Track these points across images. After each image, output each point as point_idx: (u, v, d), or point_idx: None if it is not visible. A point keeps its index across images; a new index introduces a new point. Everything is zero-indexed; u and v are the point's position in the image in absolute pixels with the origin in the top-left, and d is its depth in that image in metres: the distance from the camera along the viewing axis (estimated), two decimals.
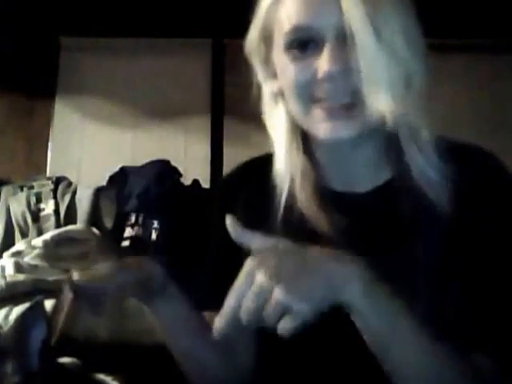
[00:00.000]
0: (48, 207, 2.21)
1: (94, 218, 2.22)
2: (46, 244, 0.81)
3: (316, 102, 0.75)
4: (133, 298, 0.84)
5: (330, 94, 0.74)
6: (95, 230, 2.06)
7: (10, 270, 1.76)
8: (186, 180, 2.38)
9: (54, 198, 2.25)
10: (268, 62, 0.82)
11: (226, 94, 2.86)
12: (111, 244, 2.04)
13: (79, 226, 2.13)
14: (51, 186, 2.29)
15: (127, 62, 2.93)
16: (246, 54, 0.84)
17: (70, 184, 2.34)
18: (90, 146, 2.84)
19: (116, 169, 2.39)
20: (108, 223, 2.21)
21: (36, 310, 0.76)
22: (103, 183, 2.37)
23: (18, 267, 1.77)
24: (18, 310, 1.64)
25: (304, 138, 0.84)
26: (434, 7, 2.24)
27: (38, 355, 0.75)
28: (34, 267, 1.77)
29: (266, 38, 0.80)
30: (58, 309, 0.80)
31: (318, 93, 0.74)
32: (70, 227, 2.06)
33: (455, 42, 2.79)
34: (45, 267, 1.73)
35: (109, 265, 0.79)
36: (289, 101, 0.79)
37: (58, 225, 2.17)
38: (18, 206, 2.22)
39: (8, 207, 2.23)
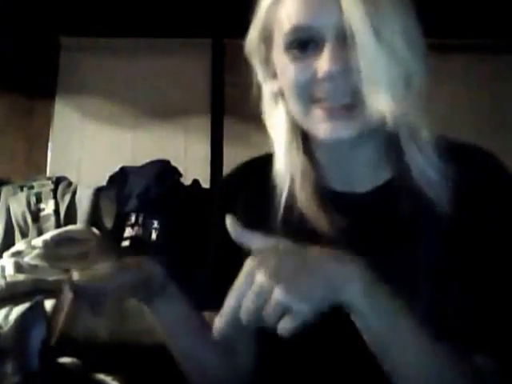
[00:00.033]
0: (48, 207, 2.21)
1: (94, 218, 2.22)
2: (46, 244, 0.81)
3: (316, 102, 0.75)
4: (133, 298, 0.84)
5: (329, 94, 0.74)
6: (95, 230, 2.06)
7: (10, 270, 1.76)
8: (186, 180, 2.38)
9: (54, 198, 2.25)
10: (268, 62, 0.82)
11: (225, 94, 2.86)
12: (111, 244, 2.04)
13: (79, 226, 2.13)
14: (51, 186, 2.29)
15: (127, 62, 2.92)
16: (245, 54, 0.84)
17: (70, 184, 2.34)
18: (90, 146, 2.84)
19: (116, 169, 2.39)
20: (108, 223, 2.21)
21: (36, 310, 0.76)
22: (103, 183, 2.37)
23: (18, 267, 1.77)
24: (18, 309, 1.64)
25: (304, 138, 0.84)
26: (434, 7, 2.24)
27: (38, 355, 0.75)
28: (34, 267, 1.76)
29: (266, 37, 0.80)
30: (57, 309, 0.80)
31: (317, 93, 0.74)
32: (69, 227, 2.06)
33: (455, 42, 2.79)
34: (45, 267, 1.73)
35: (109, 265, 0.79)
36: (289, 101, 0.79)
37: (58, 225, 2.17)
38: (17, 206, 2.22)
39: (8, 207, 2.23)
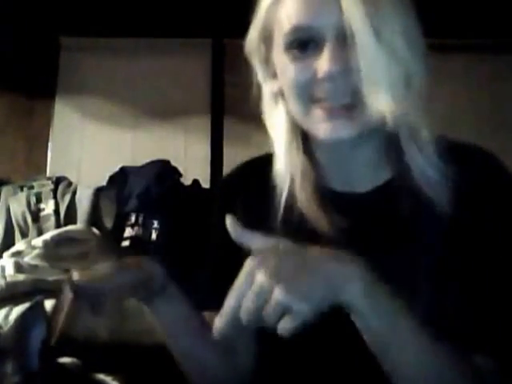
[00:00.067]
0: (48, 207, 2.21)
1: (94, 218, 2.22)
2: (46, 244, 0.81)
3: (316, 102, 0.75)
4: (133, 298, 0.84)
5: (329, 94, 0.74)
6: (95, 230, 2.06)
7: (10, 270, 1.76)
8: (186, 180, 2.38)
9: (54, 198, 2.25)
10: (268, 61, 0.82)
11: (225, 94, 2.86)
12: (111, 244, 2.04)
13: (79, 226, 2.13)
14: (51, 186, 2.29)
15: (127, 62, 2.92)
16: (246, 54, 0.84)
17: (70, 184, 2.34)
18: (90, 146, 2.84)
19: (116, 169, 2.39)
20: (108, 223, 2.21)
21: (36, 310, 0.76)
22: (103, 183, 2.37)
23: (18, 267, 1.77)
24: (17, 309, 1.64)
25: (304, 138, 0.84)
26: (434, 7, 2.24)
27: (38, 355, 0.75)
28: (33, 267, 1.76)
29: (266, 37, 0.80)
30: (57, 309, 0.80)
31: (317, 93, 0.74)
32: (69, 227, 2.06)
33: (455, 42, 2.79)
34: (45, 267, 1.73)
35: (109, 265, 0.79)
36: (289, 101, 0.79)
37: (58, 225, 2.17)
38: (18, 206, 2.22)
39: (8, 207, 2.23)
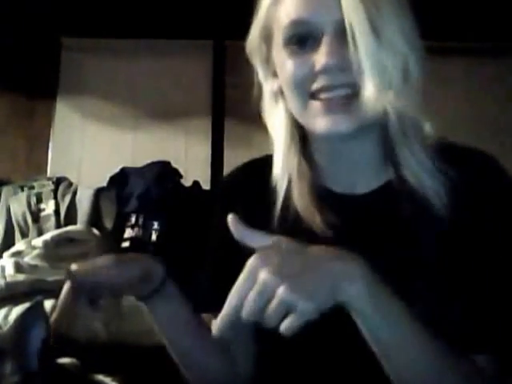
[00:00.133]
0: (48, 207, 2.21)
1: (95, 218, 2.22)
2: (46, 244, 0.82)
3: (314, 97, 0.76)
4: (131, 299, 0.84)
5: (327, 87, 0.74)
6: (95, 231, 2.07)
7: (10, 270, 1.76)
8: (187, 181, 2.38)
9: (55, 198, 2.25)
10: (268, 61, 0.82)
11: (226, 95, 2.86)
12: (111, 245, 2.04)
13: (79, 226, 2.13)
14: (52, 187, 2.29)
15: (128, 63, 2.93)
16: (247, 55, 0.84)
17: (70, 184, 2.34)
18: (91, 147, 2.84)
19: (116, 169, 2.39)
20: (108, 224, 2.21)
21: (36, 310, 0.76)
22: (104, 184, 2.36)
23: (18, 267, 1.77)
24: (17, 310, 1.64)
25: (303, 140, 0.84)
26: (435, 10, 2.24)
27: (38, 355, 0.75)
28: (33, 267, 1.76)
29: (267, 37, 0.81)
30: (57, 306, 0.80)
31: (315, 86, 0.75)
32: (70, 228, 2.06)
33: (456, 44, 2.79)
34: (45, 267, 1.73)
35: (108, 258, 0.79)
36: (287, 97, 0.80)
37: (58, 225, 2.17)
38: (18, 206, 2.22)
39: (8, 207, 2.23)
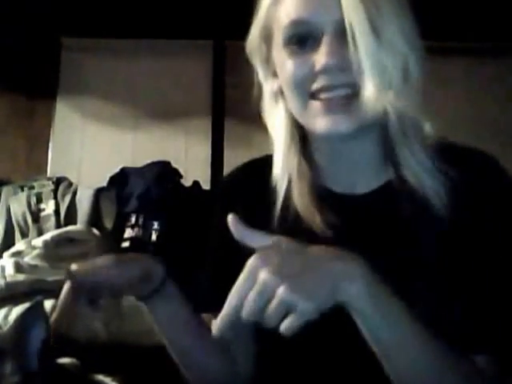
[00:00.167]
0: (48, 207, 2.21)
1: (95, 218, 2.22)
2: (46, 244, 0.82)
3: (314, 96, 0.76)
4: (131, 299, 0.84)
5: (327, 87, 0.74)
6: (95, 231, 2.06)
7: (10, 270, 1.76)
8: (187, 181, 2.38)
9: (55, 198, 2.25)
10: (268, 61, 0.82)
11: (226, 95, 2.86)
12: (111, 245, 2.04)
13: (79, 226, 2.13)
14: (52, 187, 2.29)
15: (128, 63, 2.92)
16: (247, 55, 0.84)
17: (70, 184, 2.34)
18: (91, 147, 2.84)
19: (116, 169, 2.39)
20: (108, 224, 2.21)
21: (36, 310, 0.76)
22: (104, 184, 2.36)
23: (18, 267, 1.77)
24: (17, 310, 1.64)
25: (303, 141, 0.84)
26: (435, 10, 2.24)
27: (38, 355, 0.75)
28: (33, 267, 1.76)
29: (267, 37, 0.81)
30: (57, 306, 0.80)
31: (315, 86, 0.75)
32: (70, 228, 2.06)
33: (456, 44, 2.79)
34: (45, 267, 1.73)
35: (108, 257, 0.79)
36: (287, 97, 0.80)
37: (58, 225, 2.16)
38: (18, 206, 2.22)
39: (8, 207, 2.23)
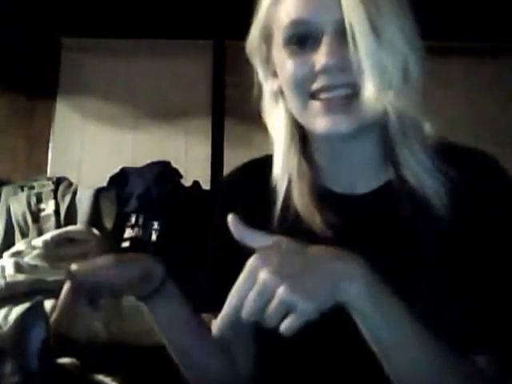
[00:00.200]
0: (48, 207, 2.21)
1: (95, 218, 2.21)
2: (46, 244, 0.82)
3: (314, 96, 0.76)
4: (131, 299, 0.84)
5: (327, 87, 0.74)
6: (95, 231, 2.06)
7: (10, 270, 1.76)
8: (187, 181, 2.38)
9: (55, 198, 2.25)
10: (268, 61, 0.83)
11: (226, 95, 2.86)
12: (111, 245, 2.04)
13: (79, 226, 2.13)
14: (52, 187, 2.29)
15: (128, 63, 2.93)
16: (247, 55, 0.84)
17: (70, 184, 2.34)
18: (91, 147, 2.84)
19: (116, 169, 2.39)
20: (108, 224, 2.21)
21: (36, 310, 0.76)
22: (104, 184, 2.36)
23: (18, 267, 1.77)
24: (17, 310, 1.64)
25: (303, 140, 0.84)
26: (435, 10, 2.24)
27: (38, 355, 0.75)
28: (33, 267, 1.76)
29: (267, 36, 0.81)
30: (57, 306, 0.80)
31: (315, 86, 0.75)
32: (70, 228, 2.06)
33: (456, 44, 2.79)
34: (45, 267, 1.73)
35: (108, 257, 0.79)
36: (287, 97, 0.80)
37: (58, 225, 2.16)
38: (18, 206, 2.22)
39: (8, 207, 2.23)
